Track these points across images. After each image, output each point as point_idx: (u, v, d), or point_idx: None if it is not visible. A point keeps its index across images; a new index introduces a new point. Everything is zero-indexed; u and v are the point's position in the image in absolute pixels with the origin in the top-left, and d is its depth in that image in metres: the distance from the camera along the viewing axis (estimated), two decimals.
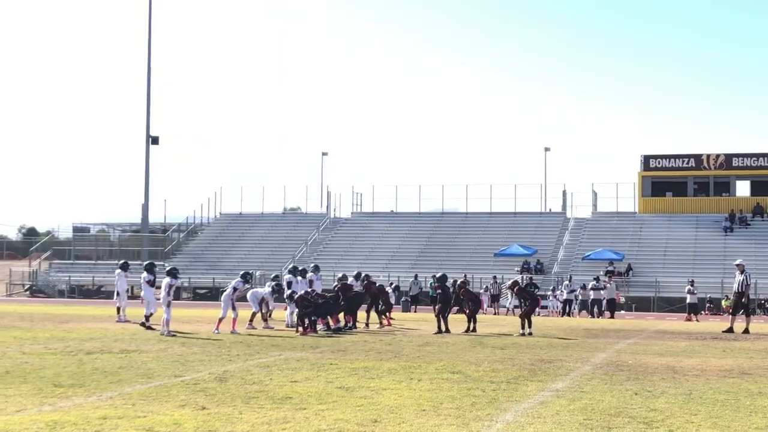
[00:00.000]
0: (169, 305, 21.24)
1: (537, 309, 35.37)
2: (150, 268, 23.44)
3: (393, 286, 33.91)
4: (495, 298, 42.39)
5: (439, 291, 24.29)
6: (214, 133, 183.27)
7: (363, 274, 28.27)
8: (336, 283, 25.49)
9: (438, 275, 25.47)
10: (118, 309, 27.09)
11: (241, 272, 25.00)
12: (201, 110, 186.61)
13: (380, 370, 14.12)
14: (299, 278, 26.44)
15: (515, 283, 25.42)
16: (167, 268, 22.17)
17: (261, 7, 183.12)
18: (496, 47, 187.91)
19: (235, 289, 22.93)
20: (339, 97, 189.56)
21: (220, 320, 22.56)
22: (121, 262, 28.78)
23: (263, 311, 24.60)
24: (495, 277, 43.69)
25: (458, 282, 26.84)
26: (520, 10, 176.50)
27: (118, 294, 27.46)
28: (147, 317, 23.27)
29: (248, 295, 24.81)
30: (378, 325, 25.87)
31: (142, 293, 23.71)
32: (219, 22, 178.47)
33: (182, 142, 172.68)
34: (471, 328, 24.06)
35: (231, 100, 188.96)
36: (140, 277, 23.72)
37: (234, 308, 22.58)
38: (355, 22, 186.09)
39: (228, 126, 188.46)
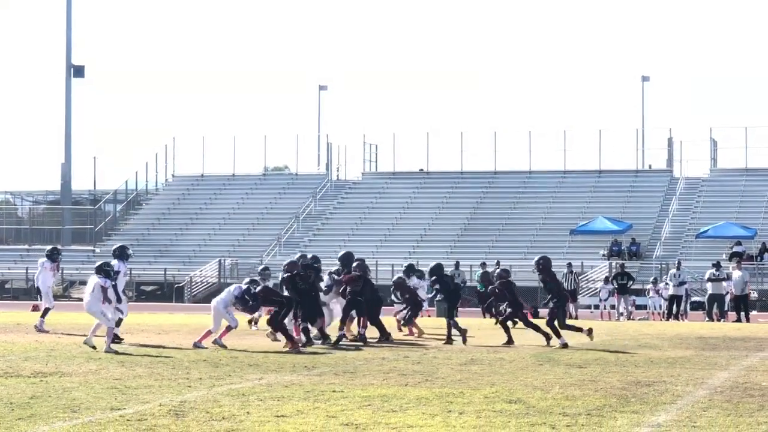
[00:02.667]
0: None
1: (568, 306, 34.72)
2: (122, 253, 24.20)
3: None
4: (571, 295, 42.35)
5: (437, 286, 25.28)
6: (164, 65, 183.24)
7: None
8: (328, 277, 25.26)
9: (432, 265, 26.09)
10: (44, 310, 27.31)
11: (252, 276, 24.33)
12: (146, 34, 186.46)
13: (405, 399, 14.19)
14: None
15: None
16: (97, 263, 22.61)
17: None
18: None
19: (238, 297, 23.10)
20: (343, 6, 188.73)
21: (209, 333, 22.86)
22: (48, 248, 29.32)
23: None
24: (570, 265, 43.69)
25: (497, 271, 27.05)
26: None
27: (39, 293, 28.05)
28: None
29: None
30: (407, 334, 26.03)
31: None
32: None
33: (119, 78, 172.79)
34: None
35: (188, 18, 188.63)
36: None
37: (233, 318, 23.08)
38: None
39: (183, 54, 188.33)
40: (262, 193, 68.63)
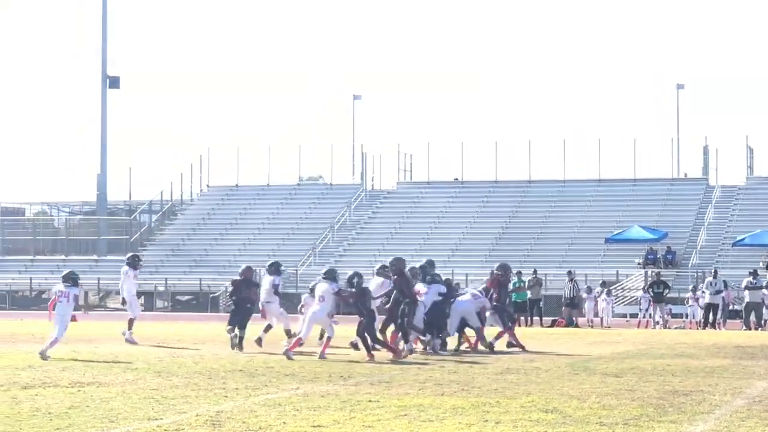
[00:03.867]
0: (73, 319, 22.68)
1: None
2: (277, 269, 26.13)
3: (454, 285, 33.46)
4: (571, 303, 42.34)
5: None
6: (199, 76, 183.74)
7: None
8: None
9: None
10: (129, 321, 27.29)
11: (350, 274, 23.77)
12: (181, 44, 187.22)
13: (441, 409, 14.19)
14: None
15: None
16: (64, 272, 23.34)
17: None
18: None
19: (339, 290, 23.07)
20: (376, 15, 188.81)
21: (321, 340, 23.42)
22: (129, 255, 29.32)
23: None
24: (570, 273, 43.53)
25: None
26: None
27: (125, 302, 28.05)
28: (288, 332, 25.24)
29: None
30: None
31: (261, 302, 25.72)
32: None
33: (154, 88, 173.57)
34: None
35: (223, 28, 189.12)
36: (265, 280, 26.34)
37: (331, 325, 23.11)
38: None
39: (218, 65, 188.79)
40: (297, 203, 68.78)
